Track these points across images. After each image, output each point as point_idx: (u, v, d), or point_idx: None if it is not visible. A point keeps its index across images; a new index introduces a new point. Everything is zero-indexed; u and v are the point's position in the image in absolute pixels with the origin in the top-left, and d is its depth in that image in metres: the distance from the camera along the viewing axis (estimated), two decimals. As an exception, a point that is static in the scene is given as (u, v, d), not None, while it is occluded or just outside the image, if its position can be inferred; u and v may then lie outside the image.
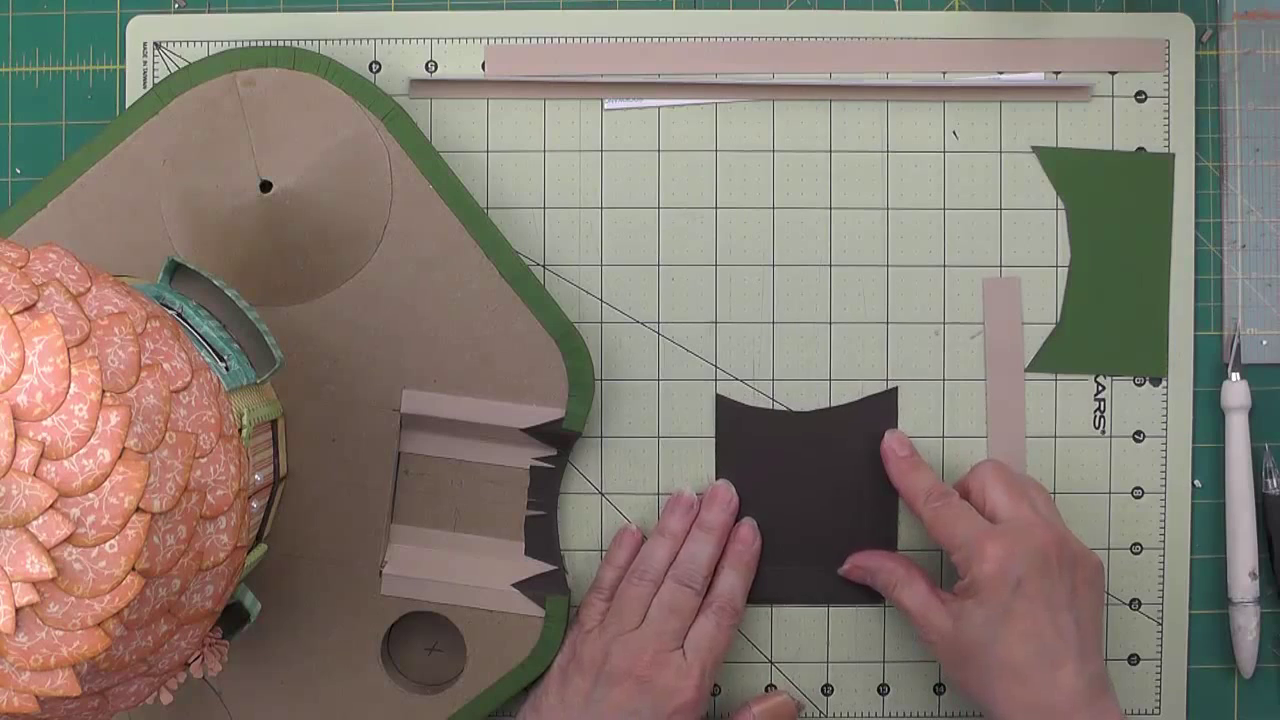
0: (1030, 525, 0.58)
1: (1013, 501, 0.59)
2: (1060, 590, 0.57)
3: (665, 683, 0.60)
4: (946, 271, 0.65)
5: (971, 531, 0.58)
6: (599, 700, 0.60)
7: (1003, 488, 0.60)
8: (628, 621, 0.61)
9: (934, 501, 0.61)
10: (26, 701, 0.42)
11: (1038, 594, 0.57)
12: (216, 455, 0.47)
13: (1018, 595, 0.57)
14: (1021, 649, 0.56)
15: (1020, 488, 0.60)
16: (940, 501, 0.60)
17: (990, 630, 0.57)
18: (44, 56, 0.66)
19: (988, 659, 0.57)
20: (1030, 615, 0.56)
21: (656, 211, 0.65)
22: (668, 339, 0.65)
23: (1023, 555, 0.57)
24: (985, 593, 0.57)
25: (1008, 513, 0.59)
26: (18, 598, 0.41)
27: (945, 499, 0.61)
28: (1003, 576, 0.57)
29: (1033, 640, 0.56)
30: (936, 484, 0.62)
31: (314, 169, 0.61)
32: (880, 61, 0.65)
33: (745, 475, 0.65)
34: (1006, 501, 0.59)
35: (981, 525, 0.59)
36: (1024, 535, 0.58)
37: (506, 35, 0.65)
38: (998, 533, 0.58)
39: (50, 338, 0.42)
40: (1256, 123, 0.65)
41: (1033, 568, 0.57)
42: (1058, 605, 0.57)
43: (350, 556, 0.62)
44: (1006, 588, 0.57)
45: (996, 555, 0.57)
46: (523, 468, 0.64)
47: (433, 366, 0.62)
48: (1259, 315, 0.65)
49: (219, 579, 0.48)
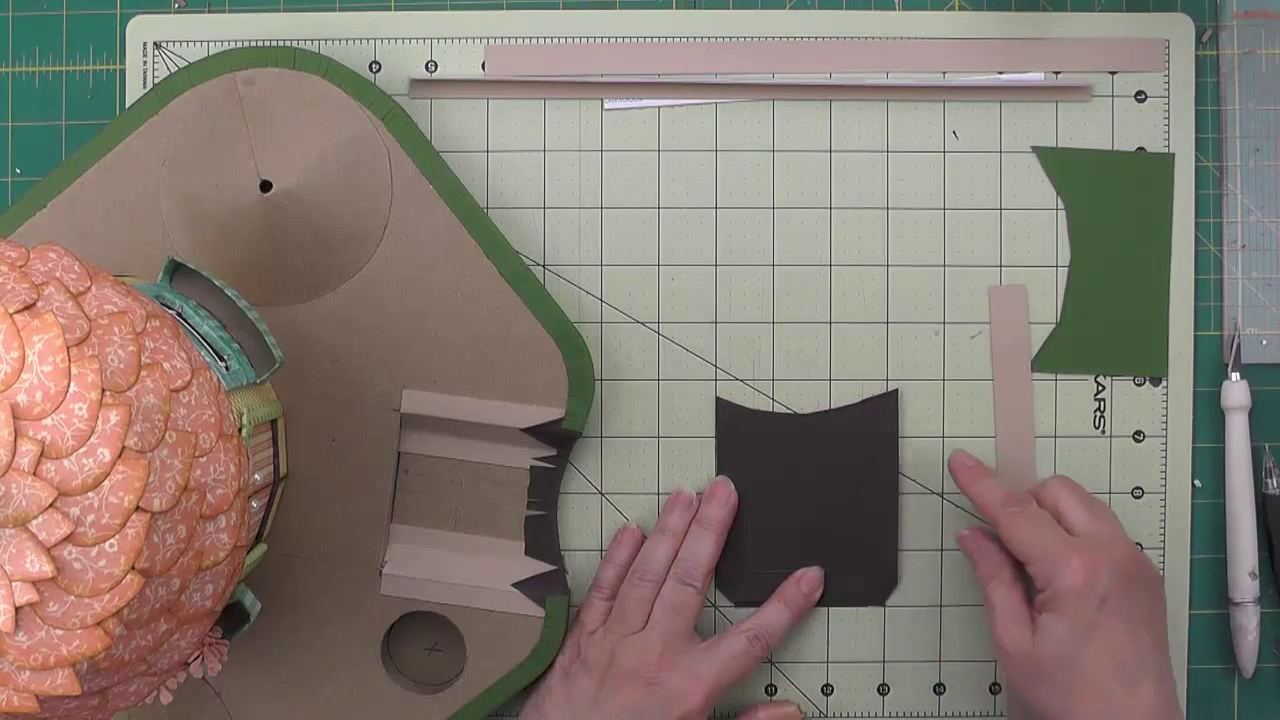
0: (1111, 540, 0.57)
1: (1091, 516, 0.58)
2: (1140, 607, 0.56)
3: (673, 685, 0.60)
4: (947, 271, 0.65)
5: (1054, 542, 0.57)
6: (605, 701, 0.60)
7: (1079, 502, 0.59)
8: (632, 623, 0.62)
9: (1011, 507, 0.59)
10: (26, 700, 0.42)
11: (1120, 610, 0.55)
12: (216, 454, 0.47)
13: (1102, 610, 0.55)
14: (1105, 665, 0.55)
15: (1095, 503, 0.59)
16: (1018, 508, 0.59)
17: (1073, 646, 0.55)
18: (44, 56, 0.66)
19: (1069, 675, 0.55)
20: (1113, 631, 0.55)
21: (656, 211, 0.65)
22: (668, 339, 0.65)
23: (1107, 569, 0.55)
24: (1070, 607, 0.56)
25: (1086, 527, 0.58)
26: (17, 597, 0.41)
27: (1024, 506, 0.59)
28: (1089, 590, 0.55)
29: (1115, 656, 0.55)
30: (1011, 492, 0.60)
31: (314, 169, 0.61)
32: (880, 61, 0.65)
33: (746, 477, 0.65)
34: (1085, 516, 0.58)
35: (1064, 537, 0.57)
36: (1107, 549, 0.56)
37: (506, 35, 0.65)
38: (1082, 545, 0.57)
39: (50, 337, 0.42)
40: (1256, 123, 0.65)
41: (1116, 583, 0.55)
42: (1138, 622, 0.56)
43: (350, 556, 0.62)
44: (1092, 602, 0.55)
45: (1082, 568, 0.55)
46: (523, 468, 0.64)
47: (433, 366, 0.62)
48: (1259, 315, 0.65)
49: (219, 578, 0.48)
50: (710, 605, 0.65)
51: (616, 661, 0.61)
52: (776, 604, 0.64)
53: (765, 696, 0.66)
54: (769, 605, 0.64)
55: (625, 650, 0.61)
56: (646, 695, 0.60)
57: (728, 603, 0.65)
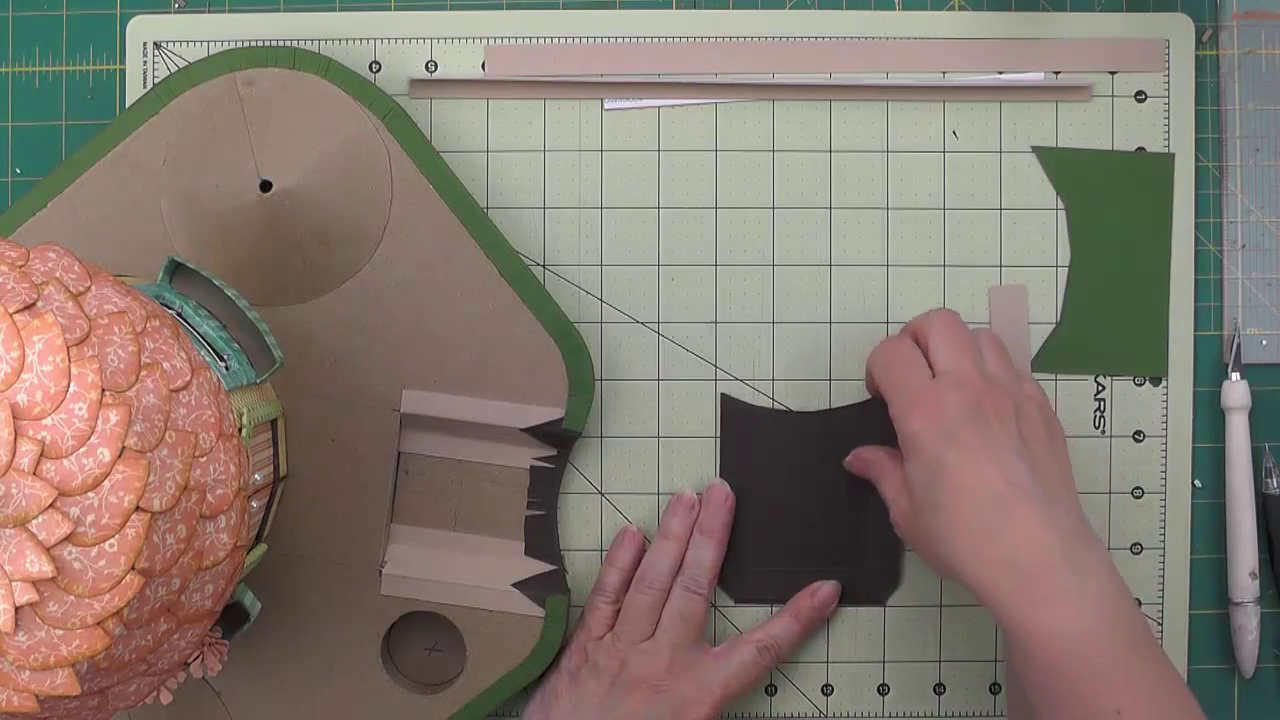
0: (964, 377, 0.54)
1: (955, 355, 0.55)
2: (1004, 437, 0.53)
3: (683, 692, 0.61)
4: (946, 271, 0.65)
5: (905, 385, 0.55)
6: (614, 707, 0.61)
7: (946, 339, 0.56)
8: (641, 630, 0.62)
9: (880, 344, 0.58)
10: (26, 700, 0.42)
11: (975, 444, 0.52)
12: (216, 454, 0.47)
13: (953, 445, 0.53)
14: (968, 503, 0.52)
15: (966, 341, 0.56)
16: (884, 342, 0.58)
17: (931, 490, 0.53)
18: (44, 56, 0.66)
19: (938, 522, 0.53)
20: (970, 465, 0.52)
21: (656, 211, 0.65)
22: (668, 339, 0.65)
23: (953, 408, 0.53)
24: (917, 450, 0.54)
25: (946, 365, 0.55)
26: (17, 597, 0.41)
27: (891, 341, 0.58)
28: (932, 432, 0.53)
29: (982, 488, 0.52)
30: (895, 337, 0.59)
31: (314, 169, 0.61)
32: (880, 61, 0.65)
33: (748, 473, 0.65)
34: (948, 355, 0.56)
35: (916, 380, 0.55)
36: (955, 388, 0.54)
37: (506, 35, 0.65)
38: (928, 387, 0.54)
39: (50, 336, 0.42)
40: (1256, 123, 0.65)
41: (964, 418, 0.53)
42: (1004, 452, 0.53)
43: (350, 556, 0.62)
44: (939, 441, 0.53)
45: (926, 408, 0.54)
46: (523, 468, 0.64)
47: (433, 366, 0.62)
48: (1259, 315, 0.65)
49: (219, 578, 0.48)
50: (711, 604, 0.65)
51: (626, 668, 0.61)
52: (788, 616, 0.64)
53: (766, 697, 0.66)
54: (781, 617, 0.64)
55: (635, 658, 0.61)
56: (656, 702, 0.60)
57: (729, 602, 0.65)
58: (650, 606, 0.62)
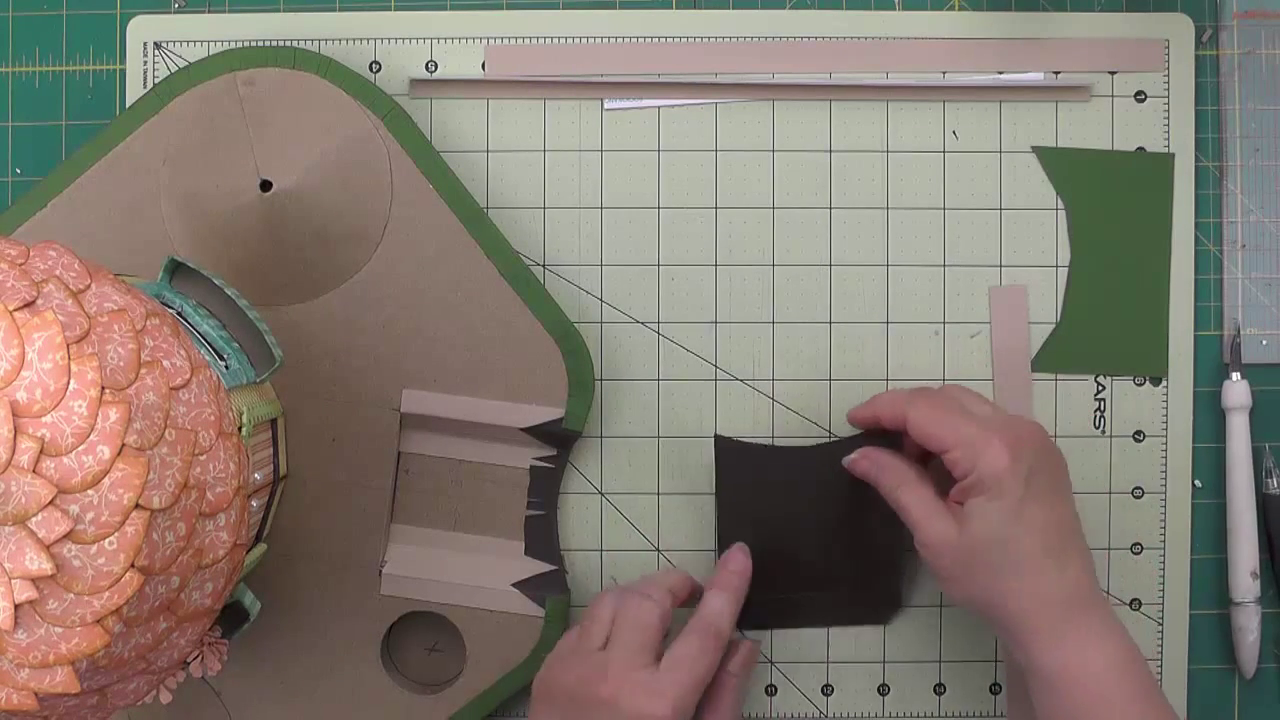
0: (1019, 419, 0.57)
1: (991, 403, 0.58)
2: (1059, 483, 0.57)
3: (635, 704, 0.55)
4: (947, 271, 0.65)
5: (970, 426, 0.56)
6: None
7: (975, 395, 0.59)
8: (594, 640, 0.58)
9: (920, 399, 0.58)
10: (26, 699, 0.42)
11: (1043, 487, 0.55)
12: (216, 453, 0.47)
13: (1029, 488, 0.55)
14: (1036, 543, 0.55)
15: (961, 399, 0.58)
16: (924, 397, 0.58)
17: (1005, 526, 0.55)
18: (44, 56, 0.66)
19: (1001, 557, 0.55)
20: (1039, 508, 0.55)
21: (656, 211, 0.65)
22: (668, 339, 0.65)
23: (1029, 447, 0.55)
24: (999, 487, 0.55)
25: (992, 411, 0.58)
26: (17, 594, 0.41)
27: (934, 395, 0.58)
28: (1015, 469, 0.55)
29: (1044, 534, 0.55)
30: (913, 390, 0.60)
31: (314, 169, 0.61)
32: (880, 61, 0.65)
33: (747, 510, 0.64)
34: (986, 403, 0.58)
35: (978, 420, 0.56)
36: (1019, 428, 0.56)
37: (506, 35, 0.65)
38: (999, 426, 0.56)
39: (50, 334, 0.42)
40: (1256, 123, 0.65)
41: (1037, 459, 0.55)
42: (1059, 498, 0.56)
43: (350, 556, 0.62)
44: (1019, 481, 0.55)
45: (1005, 448, 0.55)
46: (523, 468, 0.64)
47: (433, 366, 0.62)
48: (1259, 315, 0.65)
49: (218, 576, 0.48)
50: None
51: (578, 689, 0.56)
52: (714, 592, 0.60)
53: (766, 697, 0.66)
54: (708, 596, 0.60)
55: (585, 672, 0.57)
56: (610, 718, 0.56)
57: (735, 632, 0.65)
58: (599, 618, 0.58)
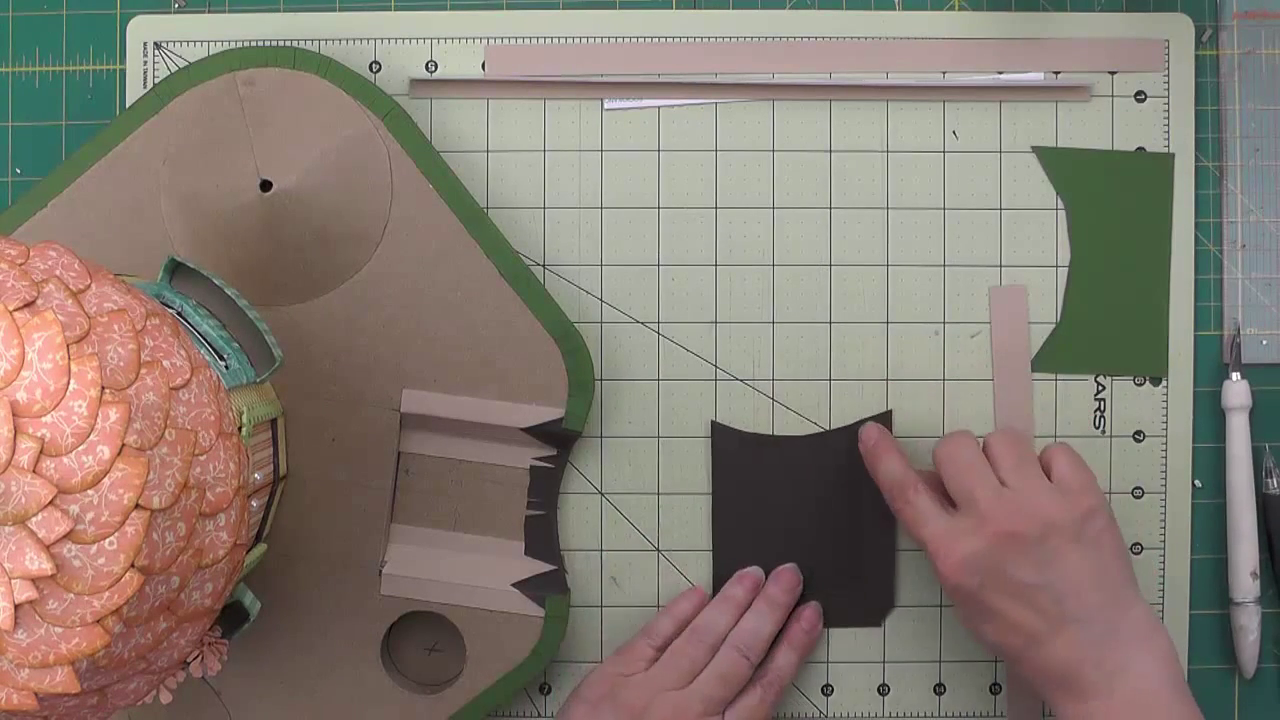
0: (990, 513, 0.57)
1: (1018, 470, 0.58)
2: (1025, 571, 0.56)
3: None
4: (947, 271, 0.65)
5: (930, 538, 0.58)
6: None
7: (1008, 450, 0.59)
8: (676, 679, 0.61)
9: (898, 503, 0.60)
10: (26, 699, 0.42)
11: (1000, 588, 0.56)
12: (216, 452, 0.47)
13: (984, 591, 0.57)
14: (1007, 637, 0.57)
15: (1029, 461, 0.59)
16: (902, 504, 0.60)
17: (972, 624, 0.59)
18: (44, 56, 0.66)
19: (984, 643, 0.59)
20: (1000, 609, 0.56)
21: (656, 211, 0.65)
22: (668, 339, 0.65)
23: (978, 557, 0.56)
24: (953, 595, 0.58)
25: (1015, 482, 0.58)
26: (17, 594, 0.41)
27: (907, 502, 0.59)
28: (962, 585, 0.57)
29: (1011, 630, 0.57)
30: (902, 476, 0.60)
31: (314, 169, 0.61)
32: (880, 61, 0.65)
33: (742, 500, 0.65)
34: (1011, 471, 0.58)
35: (939, 527, 0.58)
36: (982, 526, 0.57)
37: (506, 35, 0.65)
38: (951, 536, 0.57)
39: (50, 334, 0.42)
40: (1256, 123, 0.65)
41: (991, 567, 0.56)
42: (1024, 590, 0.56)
43: (350, 556, 0.62)
44: (970, 591, 0.57)
45: (950, 566, 0.57)
46: (523, 468, 0.64)
47: (433, 366, 0.62)
48: (1259, 315, 0.65)
49: (218, 576, 0.48)
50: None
51: (650, 713, 0.60)
52: (785, 648, 0.63)
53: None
54: (778, 649, 0.63)
55: (662, 704, 0.60)
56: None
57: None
58: (695, 659, 0.61)
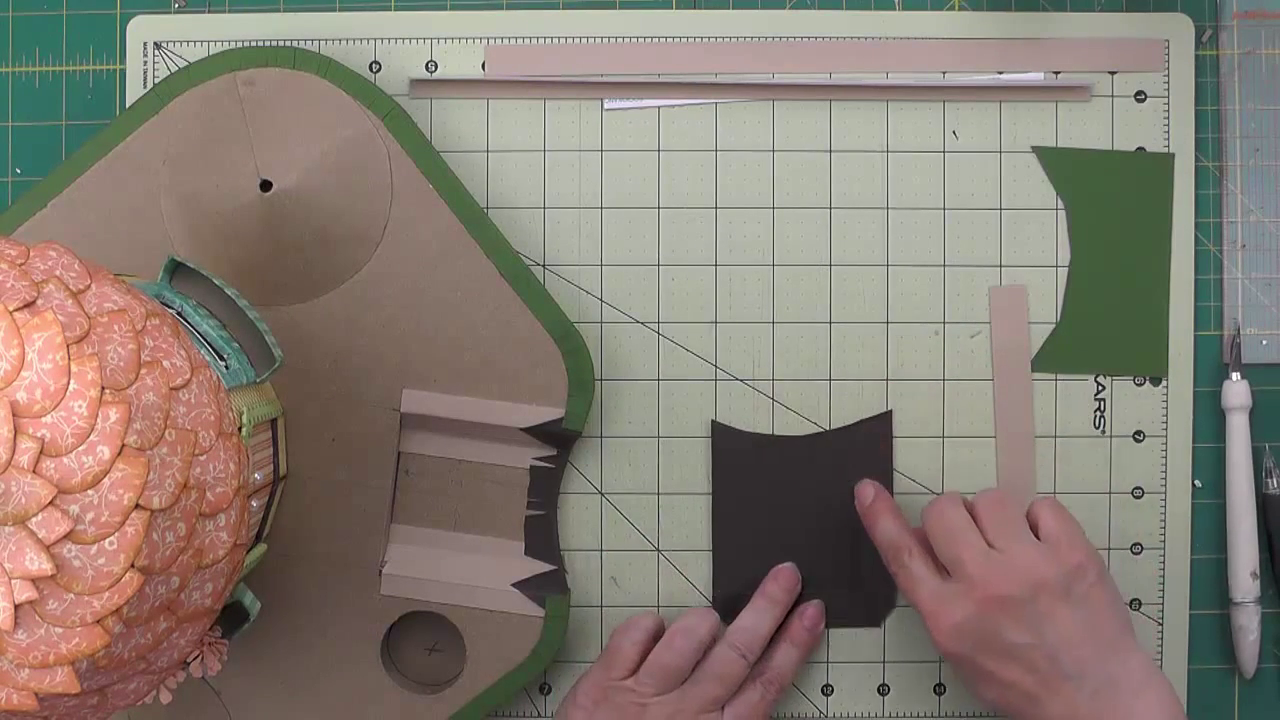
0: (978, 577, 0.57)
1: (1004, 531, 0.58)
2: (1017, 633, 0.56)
3: None
4: (947, 271, 0.65)
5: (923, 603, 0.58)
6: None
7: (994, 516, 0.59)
8: (668, 681, 0.61)
9: (893, 566, 0.60)
10: (26, 699, 0.42)
11: (993, 651, 0.57)
12: (216, 452, 0.47)
13: (978, 654, 0.57)
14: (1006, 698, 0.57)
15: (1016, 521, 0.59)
16: (897, 567, 0.60)
17: (971, 686, 0.59)
18: (44, 56, 0.66)
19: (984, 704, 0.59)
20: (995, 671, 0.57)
21: (656, 211, 0.65)
22: (668, 339, 0.65)
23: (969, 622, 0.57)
24: (949, 660, 0.58)
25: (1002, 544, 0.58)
26: (17, 594, 0.41)
27: (901, 566, 0.60)
28: (956, 651, 0.57)
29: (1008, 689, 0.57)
30: (897, 538, 0.60)
31: (314, 169, 0.61)
32: (880, 61, 0.65)
33: (742, 499, 0.65)
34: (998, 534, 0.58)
35: (931, 593, 0.58)
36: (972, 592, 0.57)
37: (506, 35, 0.65)
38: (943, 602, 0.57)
39: (50, 334, 0.42)
40: (1256, 123, 0.65)
41: (983, 631, 0.57)
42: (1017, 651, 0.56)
43: (350, 556, 0.62)
44: (964, 655, 0.57)
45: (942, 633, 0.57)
46: (523, 468, 0.64)
47: (433, 366, 0.62)
48: (1259, 315, 0.65)
49: (218, 577, 0.48)
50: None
51: (646, 714, 0.60)
52: (786, 645, 0.63)
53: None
54: (778, 647, 0.63)
55: (657, 709, 0.60)
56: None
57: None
58: (687, 656, 0.61)
